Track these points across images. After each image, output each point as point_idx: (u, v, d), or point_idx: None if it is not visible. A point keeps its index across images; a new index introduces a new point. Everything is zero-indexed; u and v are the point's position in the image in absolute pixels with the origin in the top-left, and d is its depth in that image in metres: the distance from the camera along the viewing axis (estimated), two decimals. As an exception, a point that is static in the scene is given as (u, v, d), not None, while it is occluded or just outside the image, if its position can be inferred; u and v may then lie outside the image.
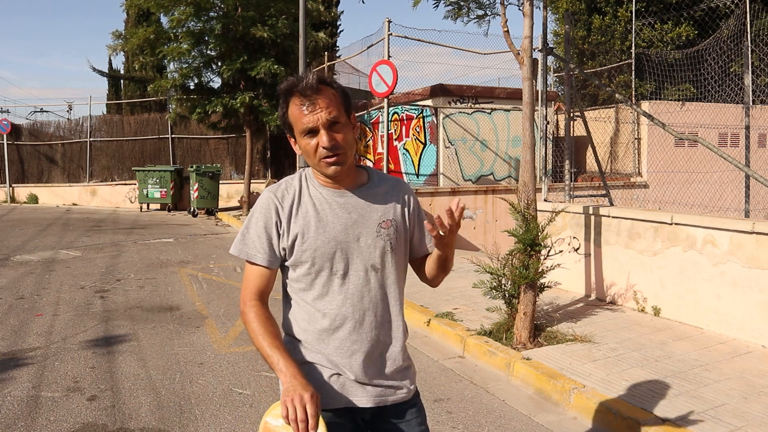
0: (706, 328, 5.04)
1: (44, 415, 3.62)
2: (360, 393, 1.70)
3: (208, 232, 12.22)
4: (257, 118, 14.19)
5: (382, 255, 1.72)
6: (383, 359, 1.74)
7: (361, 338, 1.70)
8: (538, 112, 6.62)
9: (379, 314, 1.72)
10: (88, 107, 18.92)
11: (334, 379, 1.69)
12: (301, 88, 1.62)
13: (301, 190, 1.72)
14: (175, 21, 13.13)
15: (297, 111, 1.63)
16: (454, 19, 5.58)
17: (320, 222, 1.68)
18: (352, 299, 1.69)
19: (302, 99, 1.62)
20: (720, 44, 10.04)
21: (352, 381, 1.69)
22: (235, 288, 7.13)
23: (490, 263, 5.06)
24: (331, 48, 20.02)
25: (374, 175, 1.81)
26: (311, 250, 1.67)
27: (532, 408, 3.85)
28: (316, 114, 1.60)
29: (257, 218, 1.72)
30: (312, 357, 1.71)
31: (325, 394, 1.67)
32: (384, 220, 1.73)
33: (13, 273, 7.89)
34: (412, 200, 1.83)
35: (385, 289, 1.74)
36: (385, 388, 1.73)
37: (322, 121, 1.61)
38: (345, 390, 1.69)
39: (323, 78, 1.65)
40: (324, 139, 1.61)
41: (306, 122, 1.61)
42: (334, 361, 1.69)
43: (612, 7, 15.40)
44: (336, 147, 1.62)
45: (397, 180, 1.86)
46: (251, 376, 4.30)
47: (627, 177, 11.82)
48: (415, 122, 12.20)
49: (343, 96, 1.67)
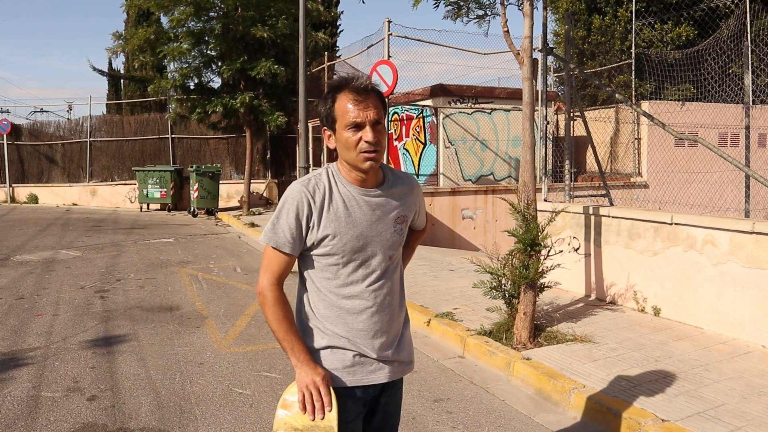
0: (706, 328, 5.04)
1: (44, 415, 3.62)
2: (378, 371, 1.88)
3: (208, 232, 12.22)
4: (257, 118, 14.20)
5: (397, 246, 1.93)
6: (399, 338, 1.94)
7: (382, 320, 1.87)
8: (538, 112, 6.61)
9: (395, 299, 1.92)
10: (88, 107, 18.95)
11: (357, 359, 1.85)
12: (355, 86, 1.76)
13: (331, 187, 1.84)
14: (175, 21, 13.14)
15: (346, 105, 1.76)
16: (454, 19, 5.58)
17: (350, 219, 1.82)
18: (375, 286, 1.86)
19: (355, 95, 1.76)
20: (720, 44, 10.04)
21: (373, 360, 1.87)
22: (235, 288, 7.13)
23: (490, 263, 5.06)
24: (331, 48, 20.02)
25: (389, 173, 1.95)
26: (342, 244, 1.81)
27: (532, 408, 3.85)
28: (366, 111, 1.75)
29: (288, 209, 1.81)
30: (334, 341, 1.85)
31: (350, 371, 1.84)
32: (399, 216, 1.91)
33: (13, 273, 7.89)
34: (419, 194, 2.05)
35: (398, 275, 1.95)
36: (398, 363, 1.93)
37: (369, 119, 1.76)
38: (365, 369, 1.86)
39: (374, 85, 1.82)
40: (369, 135, 1.76)
41: (354, 117, 1.75)
42: (357, 343, 1.85)
43: (612, 7, 15.41)
44: (377, 144, 1.77)
45: (407, 176, 2.03)
46: (251, 376, 4.30)
47: (627, 177, 11.83)
48: (415, 122, 12.20)
49: (385, 106, 1.86)
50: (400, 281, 1.98)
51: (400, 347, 1.94)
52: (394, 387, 2.00)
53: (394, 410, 2.02)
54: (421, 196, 2.10)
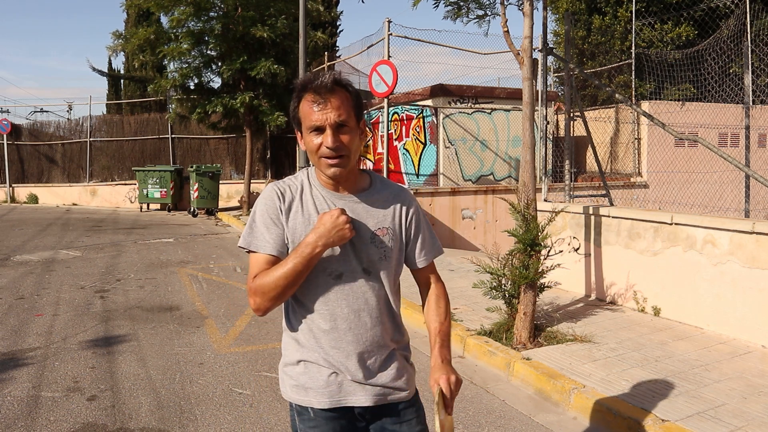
0: (706, 328, 5.04)
1: (44, 415, 3.62)
2: (359, 392, 1.71)
3: (208, 232, 12.22)
4: (257, 118, 14.19)
5: (375, 261, 1.73)
6: (381, 360, 1.75)
7: (357, 338, 1.71)
8: (538, 112, 6.61)
9: (374, 315, 1.73)
10: (88, 107, 18.95)
11: (332, 379, 1.71)
12: (316, 86, 1.62)
13: (303, 189, 1.74)
14: (175, 21, 13.13)
15: (308, 107, 1.64)
16: (454, 19, 5.58)
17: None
18: (348, 299, 1.70)
19: (315, 96, 1.62)
20: (720, 44, 10.04)
21: (349, 380, 1.71)
22: (235, 288, 7.13)
23: (490, 263, 5.06)
24: (331, 48, 20.02)
25: (377, 181, 1.81)
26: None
27: (532, 408, 3.85)
28: (325, 113, 1.61)
29: (261, 210, 1.71)
30: (310, 356, 1.72)
31: (324, 393, 1.70)
32: (380, 227, 1.74)
33: (13, 273, 7.89)
34: (411, 211, 1.82)
35: (379, 292, 1.74)
36: (383, 387, 1.74)
37: (330, 121, 1.61)
38: (343, 389, 1.71)
39: (340, 79, 1.65)
40: (329, 139, 1.62)
41: (314, 120, 1.62)
42: (331, 361, 1.70)
43: (612, 7, 15.41)
44: (339, 149, 1.63)
45: (400, 188, 1.85)
46: (251, 376, 4.30)
47: (627, 177, 11.82)
48: (415, 122, 12.20)
49: (356, 100, 1.67)
50: (391, 298, 1.78)
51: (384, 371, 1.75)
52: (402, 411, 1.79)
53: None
54: (421, 218, 1.85)
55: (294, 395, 1.74)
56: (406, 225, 1.81)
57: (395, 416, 1.78)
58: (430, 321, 1.86)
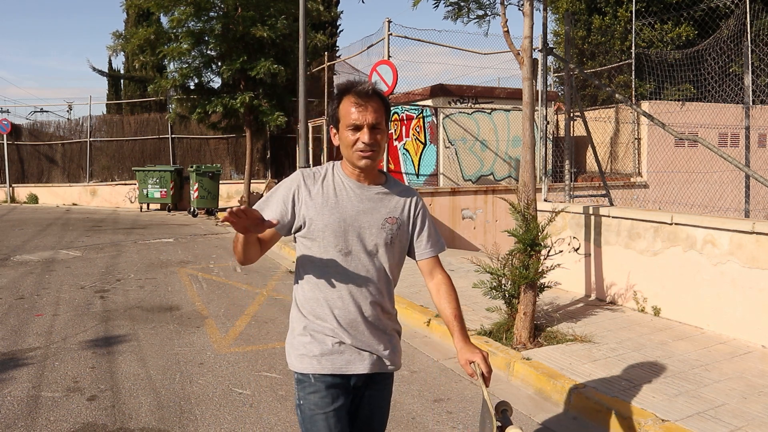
0: (706, 328, 5.04)
1: (44, 415, 3.62)
2: (358, 361, 1.93)
3: (208, 232, 12.22)
4: (257, 118, 14.19)
5: (382, 244, 1.96)
6: (380, 331, 1.98)
7: (359, 309, 1.93)
8: (538, 112, 6.61)
9: (376, 291, 1.96)
10: (88, 107, 18.96)
11: (336, 347, 1.91)
12: (358, 91, 1.89)
13: (326, 175, 1.98)
14: (175, 21, 13.13)
15: (349, 107, 1.89)
16: (455, 19, 5.58)
17: (337, 203, 1.92)
18: (353, 274, 1.92)
19: (357, 99, 1.88)
20: (720, 44, 10.04)
21: (352, 348, 1.93)
22: (235, 288, 7.13)
23: (490, 263, 5.06)
24: (331, 48, 20.01)
25: (390, 180, 2.07)
26: (323, 224, 1.90)
27: (532, 408, 3.85)
28: (365, 115, 1.88)
29: (283, 190, 1.96)
30: (317, 326, 1.93)
31: (328, 360, 1.91)
32: (390, 216, 1.98)
33: (13, 273, 7.89)
34: (418, 207, 2.07)
35: (381, 272, 1.97)
36: (379, 356, 1.98)
37: (368, 122, 1.88)
38: (345, 357, 1.92)
39: (377, 89, 1.94)
40: (366, 136, 1.88)
41: (355, 119, 1.88)
42: (335, 329, 1.91)
43: (612, 7, 15.41)
44: (373, 145, 1.89)
45: (408, 188, 2.12)
46: (251, 376, 4.30)
47: (627, 177, 11.82)
48: (415, 122, 12.20)
49: (387, 109, 1.96)
50: (391, 280, 2.02)
51: (381, 342, 1.98)
52: (382, 381, 2.04)
53: (381, 404, 2.06)
54: (426, 214, 2.10)
55: (298, 363, 1.93)
56: (413, 218, 2.06)
57: (377, 384, 2.02)
58: (444, 307, 2.05)
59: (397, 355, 2.06)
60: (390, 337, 2.02)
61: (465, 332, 1.99)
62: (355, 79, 1.98)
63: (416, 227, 2.06)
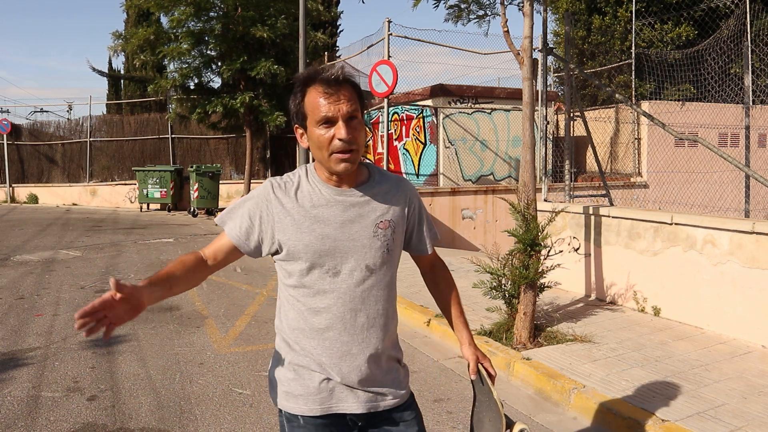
0: (706, 328, 5.04)
1: (44, 415, 3.62)
2: (350, 398, 1.67)
3: (208, 232, 12.22)
4: (257, 118, 14.19)
5: (378, 256, 1.67)
6: (375, 363, 1.68)
7: (352, 339, 1.65)
8: (538, 112, 6.62)
9: (372, 315, 1.67)
10: (88, 107, 18.96)
11: (323, 385, 1.65)
12: (325, 77, 1.57)
13: (299, 184, 1.69)
14: (175, 21, 13.13)
15: (316, 99, 1.57)
16: (455, 22, 5.59)
17: (315, 218, 1.63)
18: (344, 298, 1.64)
19: (325, 87, 1.56)
20: (720, 44, 10.05)
21: (341, 386, 1.66)
22: (235, 288, 7.13)
23: (490, 263, 5.06)
24: (331, 48, 20.02)
25: (375, 173, 1.75)
26: (303, 245, 1.62)
27: (532, 408, 3.85)
28: (338, 105, 1.56)
29: (251, 203, 1.68)
30: (301, 360, 1.68)
31: (315, 400, 1.66)
32: (382, 220, 1.68)
33: (13, 273, 7.89)
34: (412, 201, 1.79)
35: (378, 291, 1.68)
36: (376, 393, 1.69)
37: (342, 113, 1.56)
38: (335, 395, 1.66)
39: (347, 74, 1.61)
40: (342, 131, 1.56)
41: (325, 111, 1.56)
42: (324, 364, 1.65)
43: (612, 7, 15.41)
44: (352, 142, 1.57)
45: (399, 179, 1.81)
46: (251, 376, 4.30)
47: (627, 177, 11.83)
48: (415, 122, 12.20)
49: (361, 97, 1.63)
50: (389, 297, 1.72)
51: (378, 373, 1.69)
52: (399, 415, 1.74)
53: None
54: (421, 205, 1.83)
55: (285, 402, 1.69)
56: (408, 216, 1.77)
57: (390, 419, 1.73)
58: (446, 304, 1.94)
59: (400, 384, 1.76)
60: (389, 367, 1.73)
61: (469, 331, 1.93)
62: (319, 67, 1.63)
63: (413, 226, 1.80)
